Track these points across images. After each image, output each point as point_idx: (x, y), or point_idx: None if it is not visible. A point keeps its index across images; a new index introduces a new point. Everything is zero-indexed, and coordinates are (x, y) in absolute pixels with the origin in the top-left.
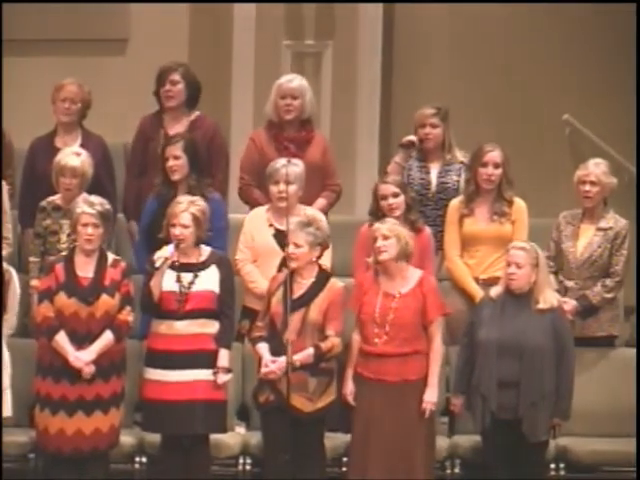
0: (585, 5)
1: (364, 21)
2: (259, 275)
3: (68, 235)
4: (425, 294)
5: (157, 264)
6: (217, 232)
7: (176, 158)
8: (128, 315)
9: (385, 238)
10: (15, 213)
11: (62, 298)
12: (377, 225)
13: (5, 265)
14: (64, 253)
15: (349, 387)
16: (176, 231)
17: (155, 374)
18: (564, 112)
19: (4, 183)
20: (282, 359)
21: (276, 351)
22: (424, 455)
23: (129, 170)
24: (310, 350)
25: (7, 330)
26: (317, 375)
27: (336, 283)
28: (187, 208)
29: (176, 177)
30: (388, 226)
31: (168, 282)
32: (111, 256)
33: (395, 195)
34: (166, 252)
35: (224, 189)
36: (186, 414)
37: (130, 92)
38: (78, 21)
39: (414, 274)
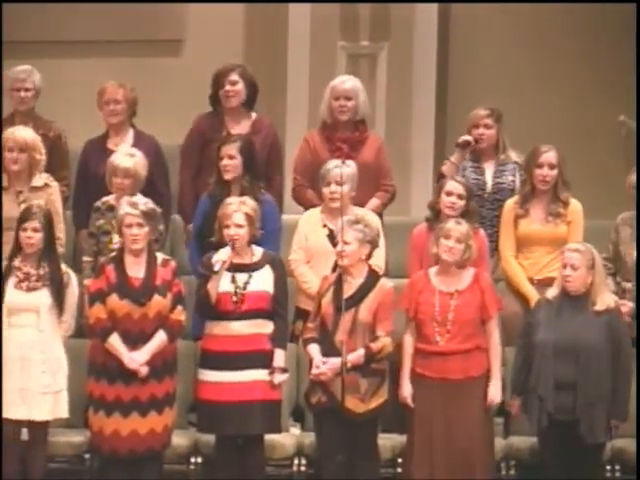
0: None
1: (419, 22)
2: (312, 276)
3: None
4: (483, 290)
5: (216, 267)
6: (271, 234)
7: (231, 158)
8: (180, 314)
9: (458, 241)
10: (69, 214)
11: (114, 299)
12: (453, 225)
13: (64, 267)
14: (113, 254)
15: (407, 389)
16: (230, 231)
17: (211, 375)
18: (620, 113)
19: (57, 185)
20: (333, 360)
21: (327, 352)
22: (487, 452)
23: (184, 172)
24: (361, 351)
25: (65, 332)
26: (369, 376)
27: (386, 283)
28: (239, 208)
29: (229, 177)
30: (464, 231)
31: (223, 283)
32: (160, 256)
33: (460, 197)
34: (223, 255)
35: (282, 190)
36: (243, 414)
37: (185, 93)
38: (133, 22)
39: (468, 271)
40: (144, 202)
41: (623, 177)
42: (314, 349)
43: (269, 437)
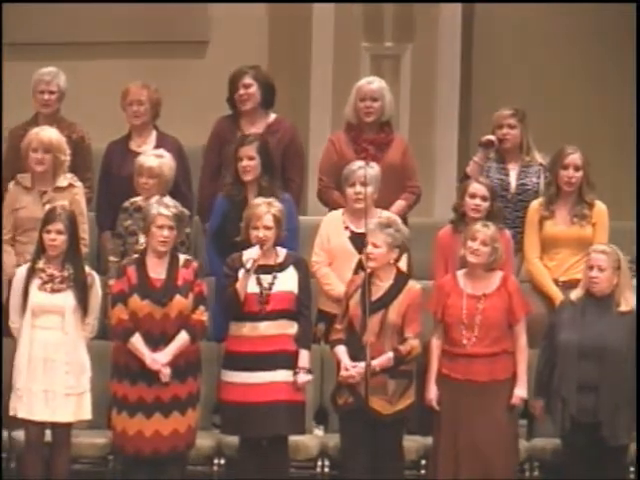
0: None
1: (443, 23)
2: (335, 278)
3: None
4: (510, 293)
5: (247, 266)
6: (289, 233)
7: (250, 159)
8: (202, 315)
9: (484, 243)
10: (92, 215)
11: (136, 300)
12: (480, 227)
13: (87, 269)
14: (136, 255)
15: (433, 391)
16: (260, 234)
17: (237, 376)
18: None
19: (81, 185)
20: (362, 364)
21: (355, 354)
22: (511, 455)
23: (204, 172)
24: (389, 354)
25: (88, 334)
26: (396, 377)
27: (414, 285)
28: (268, 210)
29: (248, 178)
30: (491, 234)
31: (249, 284)
32: (182, 256)
33: (484, 198)
34: (254, 254)
35: (300, 192)
36: (269, 415)
37: (209, 95)
38: (158, 23)
39: (496, 275)
40: (174, 204)
41: None
42: (342, 351)
43: (293, 438)
